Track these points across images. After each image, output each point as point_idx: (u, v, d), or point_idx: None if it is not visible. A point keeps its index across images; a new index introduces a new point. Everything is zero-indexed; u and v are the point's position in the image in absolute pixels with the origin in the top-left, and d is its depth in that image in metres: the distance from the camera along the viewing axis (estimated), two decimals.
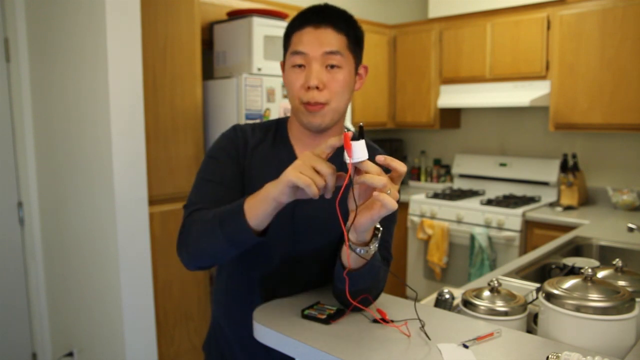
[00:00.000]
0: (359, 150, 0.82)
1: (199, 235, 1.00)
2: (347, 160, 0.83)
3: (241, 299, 1.17)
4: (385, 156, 0.86)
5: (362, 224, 0.88)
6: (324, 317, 1.00)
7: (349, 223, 0.90)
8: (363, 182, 0.84)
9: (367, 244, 0.93)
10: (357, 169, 0.85)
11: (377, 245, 0.94)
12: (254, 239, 0.94)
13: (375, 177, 0.83)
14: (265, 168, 1.13)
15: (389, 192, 0.83)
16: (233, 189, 1.10)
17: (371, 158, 0.86)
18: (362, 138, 0.84)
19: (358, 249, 0.92)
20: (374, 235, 0.94)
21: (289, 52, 1.10)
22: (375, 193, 0.84)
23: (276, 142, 1.18)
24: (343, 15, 1.10)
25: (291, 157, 1.15)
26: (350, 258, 0.95)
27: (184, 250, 1.04)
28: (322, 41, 1.05)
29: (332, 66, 1.06)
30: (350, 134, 0.84)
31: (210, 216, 0.99)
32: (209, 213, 1.00)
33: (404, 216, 3.48)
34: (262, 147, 1.16)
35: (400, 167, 0.86)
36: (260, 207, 0.91)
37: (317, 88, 1.05)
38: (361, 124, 0.87)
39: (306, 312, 1.03)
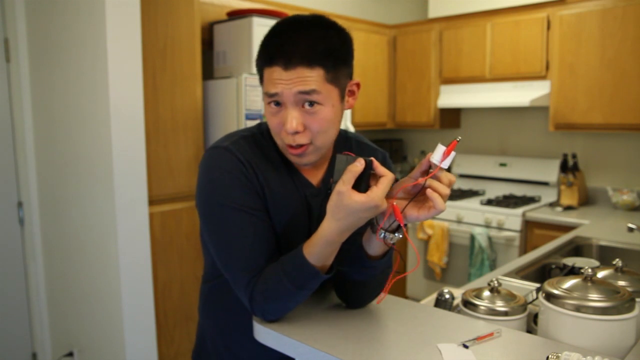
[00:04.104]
0: (449, 160, 0.88)
1: (282, 305, 0.98)
2: (436, 162, 0.88)
3: (241, 313, 1.09)
4: (451, 176, 0.90)
5: (409, 216, 0.91)
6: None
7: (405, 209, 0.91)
8: (430, 185, 0.88)
9: (393, 231, 0.94)
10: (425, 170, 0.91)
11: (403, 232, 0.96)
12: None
13: (444, 187, 0.88)
14: (275, 183, 1.06)
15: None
16: (269, 233, 1.01)
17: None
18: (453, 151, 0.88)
19: (389, 236, 0.93)
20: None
21: (263, 90, 0.99)
22: (429, 191, 0.87)
23: (269, 154, 1.07)
24: (317, 38, 0.93)
25: (290, 168, 1.08)
26: (377, 246, 0.97)
27: (264, 317, 1.01)
28: (293, 82, 0.92)
29: (311, 103, 0.94)
30: (456, 143, 0.86)
31: (286, 285, 0.94)
32: (276, 284, 0.95)
33: None
34: (262, 162, 1.05)
35: (452, 178, 0.90)
36: (330, 257, 0.94)
37: (297, 132, 0.95)
38: (459, 138, 0.89)
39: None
